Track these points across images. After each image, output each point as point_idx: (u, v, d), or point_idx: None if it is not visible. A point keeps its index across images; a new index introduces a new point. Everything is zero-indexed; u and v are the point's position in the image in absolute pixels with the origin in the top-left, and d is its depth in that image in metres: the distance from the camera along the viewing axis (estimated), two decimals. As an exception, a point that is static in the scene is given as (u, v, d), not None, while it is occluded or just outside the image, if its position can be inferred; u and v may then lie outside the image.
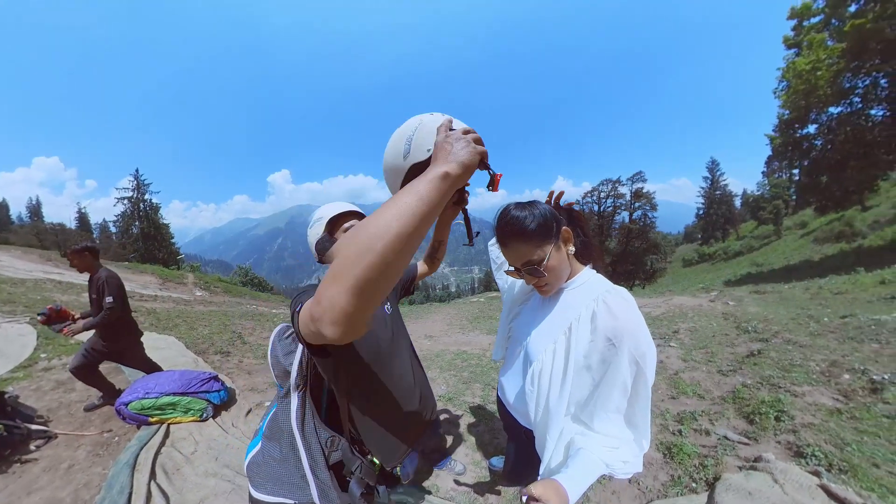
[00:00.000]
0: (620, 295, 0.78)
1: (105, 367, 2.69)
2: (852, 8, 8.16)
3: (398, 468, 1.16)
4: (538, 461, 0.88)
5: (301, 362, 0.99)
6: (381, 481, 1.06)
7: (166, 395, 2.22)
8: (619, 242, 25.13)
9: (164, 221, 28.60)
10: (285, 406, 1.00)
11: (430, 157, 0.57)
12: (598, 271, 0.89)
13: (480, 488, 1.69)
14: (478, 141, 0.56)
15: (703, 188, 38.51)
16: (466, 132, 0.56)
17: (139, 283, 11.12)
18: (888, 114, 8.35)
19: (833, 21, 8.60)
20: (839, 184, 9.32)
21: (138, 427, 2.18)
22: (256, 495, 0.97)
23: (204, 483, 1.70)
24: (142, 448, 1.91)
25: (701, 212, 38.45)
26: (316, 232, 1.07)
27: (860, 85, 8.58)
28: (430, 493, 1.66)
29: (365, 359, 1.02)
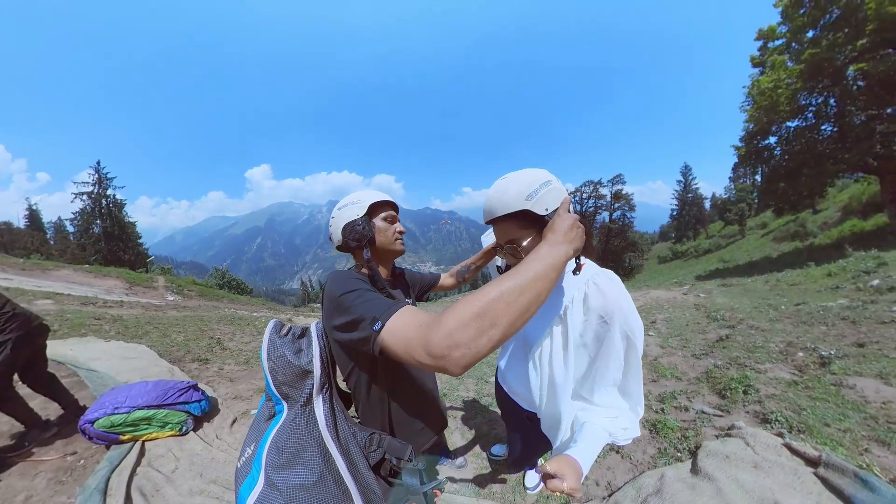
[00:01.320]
0: (608, 276, 0.83)
1: (67, 382, 2.38)
2: (810, 34, 9.23)
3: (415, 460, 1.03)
4: (543, 443, 0.93)
5: (322, 358, 0.86)
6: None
7: (139, 408, 2.00)
8: (600, 241, 26.32)
9: (130, 220, 25.79)
10: (305, 417, 0.85)
11: (546, 217, 0.76)
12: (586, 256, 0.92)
13: (483, 479, 1.72)
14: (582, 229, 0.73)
15: (676, 191, 40.85)
16: (579, 219, 0.72)
17: (102, 287, 10.18)
18: (835, 129, 9.50)
19: (793, 45, 9.67)
20: (794, 189, 10.44)
21: (107, 447, 1.93)
22: None
23: (189, 502, 1.58)
24: (113, 470, 1.71)
25: (674, 213, 40.80)
26: (350, 214, 0.96)
27: (813, 103, 9.69)
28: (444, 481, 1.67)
29: None
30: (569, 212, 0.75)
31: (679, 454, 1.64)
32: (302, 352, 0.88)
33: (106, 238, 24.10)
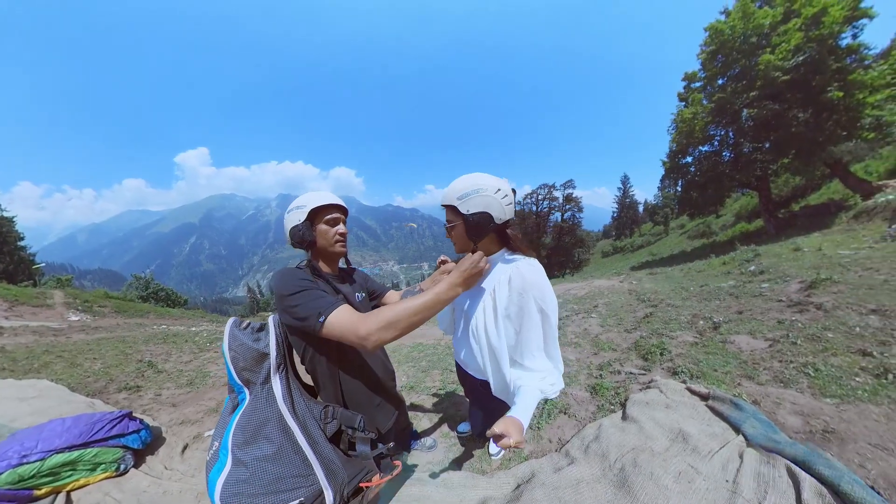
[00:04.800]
0: (529, 262, 1.04)
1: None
2: (720, 82, 12.08)
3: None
4: (500, 410, 1.06)
5: (278, 342, 0.96)
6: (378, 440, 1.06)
7: (58, 452, 1.62)
8: (553, 238, 28.77)
9: (5, 213, 18.89)
10: (265, 394, 0.93)
11: (465, 216, 0.99)
12: (514, 251, 1.13)
13: (452, 454, 1.83)
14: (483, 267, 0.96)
15: (617, 196, 47.63)
16: (482, 263, 0.95)
17: (-32, 311, 7.80)
18: (732, 156, 12.56)
19: (708, 87, 12.62)
20: (703, 199, 13.45)
21: (18, 508, 1.56)
22: None
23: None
24: (31, 532, 1.41)
25: (615, 214, 47.56)
26: (294, 219, 1.06)
27: (718, 134, 12.68)
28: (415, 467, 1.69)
29: None
30: (491, 221, 0.98)
31: (613, 407, 1.94)
32: (260, 340, 0.97)
33: (-35, 241, 18.10)
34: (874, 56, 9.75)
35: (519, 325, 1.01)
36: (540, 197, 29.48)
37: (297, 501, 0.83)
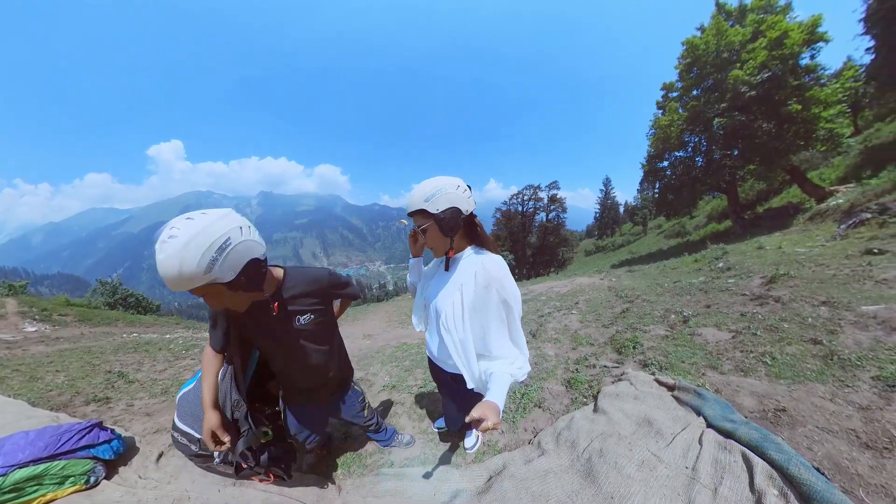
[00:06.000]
0: (493, 260, 1.11)
1: None
2: (694, 92, 12.98)
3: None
4: (473, 399, 1.09)
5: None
6: (264, 450, 1.31)
7: (21, 466, 1.54)
8: (538, 238, 29.40)
9: None
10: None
11: (436, 215, 1.04)
12: (482, 247, 1.19)
13: (429, 450, 1.83)
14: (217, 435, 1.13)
15: (599, 198, 49.92)
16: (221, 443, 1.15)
17: None
18: (704, 161, 13.52)
19: (684, 97, 13.47)
20: (678, 201, 14.38)
21: (-23, 529, 1.43)
22: (179, 424, 1.26)
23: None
24: (-6, 555, 1.32)
25: (597, 215, 49.66)
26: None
27: (692, 141, 13.58)
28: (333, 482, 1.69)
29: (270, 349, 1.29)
30: (460, 214, 1.05)
31: (586, 400, 1.98)
32: None
33: None
34: (828, 75, 10.78)
35: (485, 317, 1.06)
36: (526, 198, 30.00)
37: (200, 437, 1.10)
